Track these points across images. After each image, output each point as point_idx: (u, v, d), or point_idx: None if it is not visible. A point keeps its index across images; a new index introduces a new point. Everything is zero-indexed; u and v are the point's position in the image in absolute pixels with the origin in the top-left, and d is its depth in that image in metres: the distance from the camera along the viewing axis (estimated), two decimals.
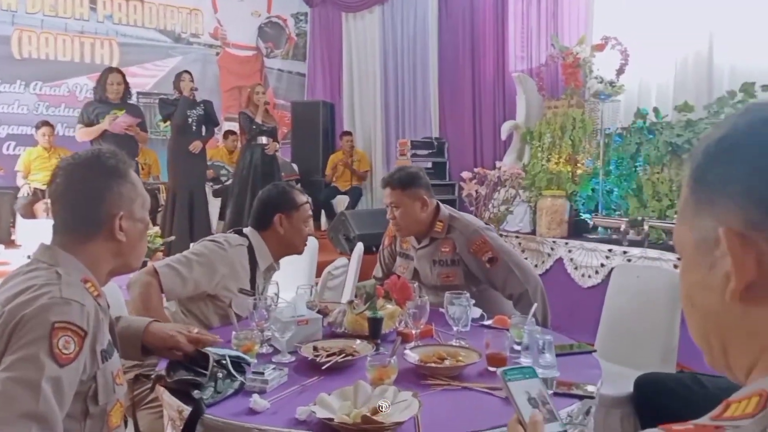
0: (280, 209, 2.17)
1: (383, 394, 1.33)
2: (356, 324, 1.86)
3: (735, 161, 0.51)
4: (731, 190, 0.50)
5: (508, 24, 5.95)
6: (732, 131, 0.52)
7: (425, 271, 2.47)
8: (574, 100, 4.97)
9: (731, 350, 0.53)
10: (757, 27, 4.09)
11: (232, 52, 8.33)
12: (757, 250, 0.48)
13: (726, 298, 0.50)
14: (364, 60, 7.89)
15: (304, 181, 7.77)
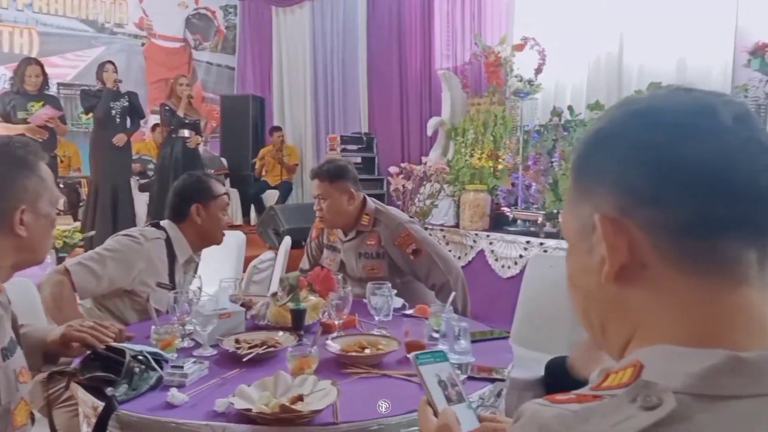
0: (196, 199, 2.11)
1: (303, 383, 1.33)
2: (279, 316, 1.84)
3: (608, 152, 0.53)
4: (605, 179, 0.53)
5: (434, 22, 6.03)
6: (607, 124, 0.55)
7: (351, 264, 2.49)
8: (496, 98, 5.10)
9: (608, 328, 0.56)
10: (663, 28, 4.33)
11: (158, 43, 8.02)
12: (629, 235, 0.51)
13: (602, 280, 0.53)
14: (294, 55, 7.79)
15: (233, 176, 7.62)
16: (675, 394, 0.44)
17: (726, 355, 0.46)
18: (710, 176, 0.48)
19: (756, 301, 0.50)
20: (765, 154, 0.50)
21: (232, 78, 8.48)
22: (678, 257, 0.50)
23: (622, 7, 4.52)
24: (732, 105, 0.51)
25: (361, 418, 1.25)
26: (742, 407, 0.44)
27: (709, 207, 0.48)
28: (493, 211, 5.00)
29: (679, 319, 0.50)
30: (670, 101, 0.53)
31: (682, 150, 0.49)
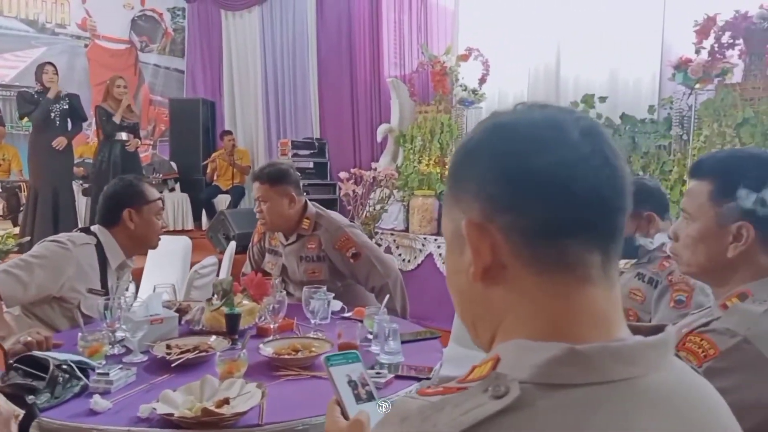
0: (128, 204, 2.06)
1: (230, 387, 1.34)
2: (214, 321, 1.84)
3: (473, 163, 0.57)
4: (471, 187, 0.57)
5: (382, 31, 6.09)
6: (473, 136, 0.59)
7: (293, 267, 2.49)
8: (442, 106, 5.20)
9: (478, 324, 0.60)
10: (596, 42, 4.53)
11: (102, 45, 7.79)
12: (491, 239, 0.55)
13: (469, 280, 0.57)
14: (244, 59, 7.72)
15: (183, 180, 7.48)
16: (521, 384, 0.48)
17: (564, 347, 0.50)
18: (557, 185, 0.52)
19: (600, 298, 0.54)
20: (608, 166, 0.54)
21: (182, 81, 8.33)
22: (530, 259, 0.54)
23: (559, 22, 4.70)
24: (581, 121, 0.55)
25: (287, 419, 1.27)
26: (577, 394, 0.49)
27: (556, 213, 0.53)
28: (440, 216, 5.10)
29: (532, 315, 0.54)
30: (525, 117, 0.57)
31: (533, 161, 0.53)
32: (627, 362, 0.51)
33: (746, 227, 1.03)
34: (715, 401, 0.58)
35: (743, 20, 3.32)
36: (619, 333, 0.55)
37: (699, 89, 3.57)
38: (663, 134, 3.84)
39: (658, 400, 0.51)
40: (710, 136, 3.44)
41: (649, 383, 0.51)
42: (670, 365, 0.55)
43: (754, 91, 3.36)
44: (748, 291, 1.04)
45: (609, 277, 0.55)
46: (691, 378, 0.58)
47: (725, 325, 0.96)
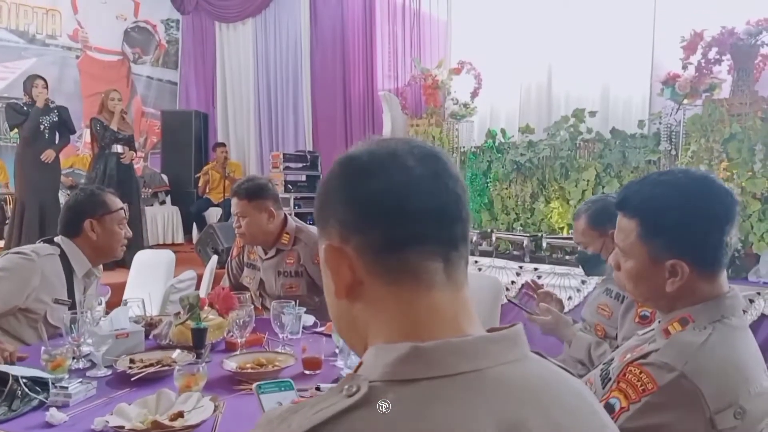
0: (89, 214, 2.09)
1: (187, 400, 1.38)
2: (181, 335, 1.88)
3: (328, 194, 0.67)
4: (329, 216, 0.66)
5: (375, 44, 6.20)
6: (330, 171, 0.68)
7: (270, 282, 2.54)
8: (434, 119, 5.27)
9: (351, 337, 0.68)
10: (588, 59, 4.62)
11: (94, 56, 7.91)
12: (348, 259, 0.63)
13: (337, 299, 0.65)
14: (237, 71, 7.83)
15: (174, 193, 7.56)
16: (371, 383, 0.55)
17: (409, 346, 0.57)
18: (393, 204, 0.61)
19: (445, 301, 0.62)
20: (440, 185, 0.63)
21: (175, 93, 8.43)
22: (380, 272, 0.62)
23: (551, 38, 4.80)
24: (416, 149, 0.65)
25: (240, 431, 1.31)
26: (420, 388, 0.55)
27: (395, 229, 0.61)
28: None
29: (387, 321, 0.62)
30: (366, 149, 0.66)
31: (372, 186, 0.62)
32: (468, 356, 0.58)
33: (679, 264, 1.05)
34: (575, 399, 0.63)
35: (730, 36, 3.38)
36: (467, 330, 0.61)
37: (687, 104, 3.63)
38: (652, 149, 3.89)
39: (498, 390, 0.57)
40: (698, 151, 3.49)
41: (490, 375, 0.57)
42: (522, 359, 0.62)
43: (741, 106, 3.42)
44: (689, 316, 1.06)
45: (454, 281, 0.63)
46: (550, 374, 0.64)
47: (664, 359, 1.00)
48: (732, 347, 1.02)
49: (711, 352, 1.00)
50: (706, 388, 0.96)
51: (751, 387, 0.99)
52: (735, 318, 1.06)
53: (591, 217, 2.00)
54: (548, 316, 2.00)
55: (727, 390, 0.97)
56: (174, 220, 7.30)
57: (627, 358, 1.08)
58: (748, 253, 3.35)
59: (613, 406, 0.99)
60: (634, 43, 4.28)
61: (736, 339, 1.04)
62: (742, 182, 3.31)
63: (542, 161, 4.49)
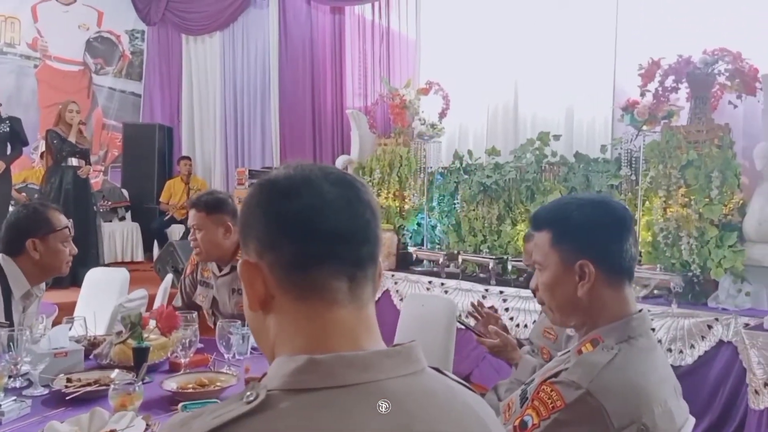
0: (32, 234, 2.09)
1: (120, 419, 1.42)
2: (123, 355, 1.91)
3: (248, 213, 0.74)
4: (248, 234, 0.73)
5: (345, 61, 6.31)
6: (249, 192, 0.76)
7: (224, 300, 2.57)
8: (402, 139, 5.38)
9: (264, 347, 0.75)
10: (553, 83, 4.78)
11: (54, 66, 7.89)
12: (262, 274, 0.70)
13: (251, 311, 0.73)
14: (204, 85, 7.87)
15: (135, 208, 7.51)
16: (270, 391, 0.62)
17: (305, 357, 0.64)
18: (303, 225, 0.69)
19: (347, 318, 0.69)
20: (350, 209, 0.71)
21: (138, 105, 8.42)
22: (289, 288, 0.70)
23: (517, 60, 4.98)
24: (332, 175, 0.73)
25: None
26: (314, 397, 0.62)
27: (303, 248, 0.69)
28: (399, 251, 5.23)
29: (292, 335, 0.70)
30: (284, 173, 0.74)
31: (285, 207, 0.70)
32: (360, 369, 0.65)
33: (586, 264, 1.18)
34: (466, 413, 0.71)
35: (686, 65, 3.56)
36: (365, 346, 0.69)
37: (646, 131, 3.78)
38: (614, 174, 4.04)
39: (389, 402, 0.63)
40: (656, 177, 3.64)
41: (383, 387, 0.64)
42: (418, 374, 0.69)
43: (698, 134, 3.58)
44: (599, 337, 1.17)
45: (357, 299, 0.70)
46: (444, 388, 0.71)
47: (571, 377, 1.09)
48: (636, 367, 1.11)
49: (615, 372, 1.09)
50: (609, 405, 1.04)
51: (654, 406, 1.08)
52: (642, 338, 1.16)
53: None
54: (496, 339, 2.08)
55: (630, 407, 1.06)
56: (134, 236, 7.25)
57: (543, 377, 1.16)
58: (706, 279, 3.48)
59: (526, 423, 1.08)
60: (596, 68, 4.46)
61: (641, 359, 1.13)
62: (699, 208, 3.46)
63: (508, 183, 4.62)
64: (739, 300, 3.29)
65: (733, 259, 3.29)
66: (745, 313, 3.14)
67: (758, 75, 3.35)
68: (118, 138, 8.07)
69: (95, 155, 7.54)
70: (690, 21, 3.86)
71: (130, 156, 7.66)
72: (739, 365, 2.96)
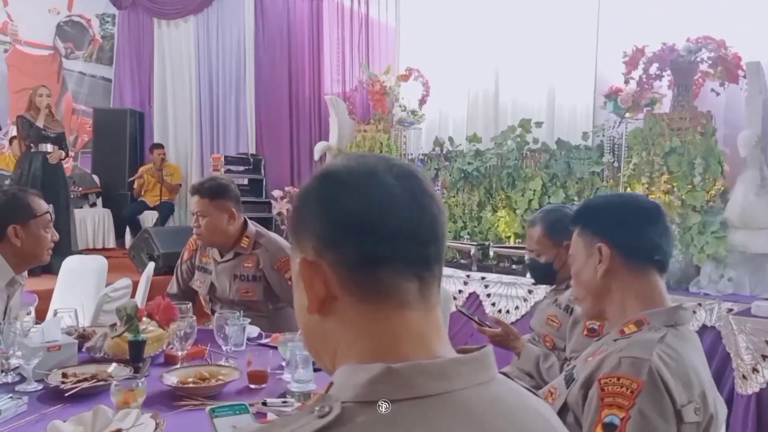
0: (12, 220, 1.99)
1: (125, 418, 1.34)
2: (117, 348, 1.82)
3: (306, 208, 0.67)
4: (306, 229, 0.66)
5: (323, 46, 6.19)
6: (306, 185, 0.69)
7: (223, 285, 2.50)
8: (382, 126, 5.31)
9: (321, 353, 0.68)
10: (533, 70, 4.76)
11: (23, 50, 7.56)
12: (323, 274, 0.63)
13: (308, 313, 0.65)
14: (178, 70, 7.63)
15: (106, 195, 7.30)
16: (344, 403, 0.56)
17: (381, 366, 0.58)
18: (369, 222, 0.62)
19: (417, 321, 0.63)
20: (417, 204, 0.64)
21: (109, 90, 8.14)
22: (353, 288, 0.63)
23: (498, 46, 4.94)
24: (396, 167, 0.66)
25: None
26: (393, 409, 0.56)
27: (370, 246, 0.62)
28: None
29: (358, 340, 0.63)
30: (344, 166, 0.67)
31: (349, 202, 0.63)
32: (438, 378, 0.59)
33: (602, 246, 1.21)
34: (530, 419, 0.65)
35: (670, 52, 3.56)
36: (438, 352, 0.63)
37: (629, 118, 3.79)
38: (596, 161, 4.05)
39: (467, 414, 0.58)
40: (639, 164, 3.65)
41: (461, 398, 0.59)
42: (491, 381, 0.63)
43: (681, 121, 3.60)
44: (644, 318, 1.16)
45: (426, 301, 0.64)
46: (512, 395, 0.65)
47: (631, 354, 1.07)
48: (686, 349, 1.11)
49: (669, 349, 1.08)
50: (670, 381, 1.03)
51: (705, 389, 1.08)
52: (684, 329, 1.14)
53: (547, 227, 2.05)
54: (498, 328, 2.05)
55: (686, 385, 1.05)
56: (105, 223, 7.04)
57: (589, 361, 1.14)
58: (688, 264, 3.52)
59: (613, 424, 1.02)
60: (578, 55, 4.45)
61: (687, 346, 1.12)
62: (682, 195, 3.48)
63: (489, 170, 4.59)
64: (720, 285, 3.33)
65: (716, 245, 3.32)
66: (727, 299, 3.17)
67: (741, 63, 3.37)
68: (88, 123, 7.81)
69: None
70: (673, 8, 3.86)
71: (100, 141, 7.42)
72: (722, 350, 2.98)
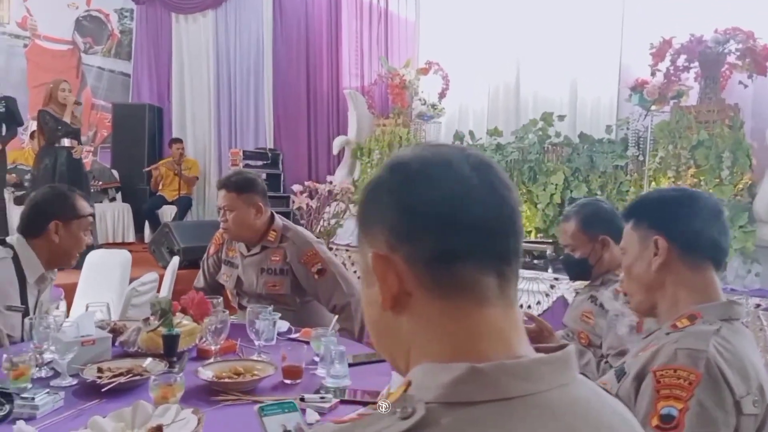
0: (57, 216, 1.98)
1: (165, 413, 1.33)
2: (151, 342, 1.81)
3: (377, 199, 0.64)
4: (377, 222, 0.63)
5: (342, 41, 6.16)
6: (376, 176, 0.66)
7: (250, 280, 2.48)
8: (401, 120, 5.28)
9: (393, 352, 0.65)
10: (556, 62, 4.70)
11: (43, 45, 7.60)
12: (396, 269, 0.60)
13: (381, 310, 0.62)
14: (196, 64, 7.64)
15: (125, 189, 7.33)
16: (427, 404, 0.53)
17: (466, 366, 0.55)
18: (446, 215, 0.59)
19: (498, 318, 0.60)
20: (496, 196, 0.61)
21: (127, 85, 8.17)
22: (430, 284, 0.59)
23: (519, 39, 4.87)
24: (471, 157, 0.62)
25: None
26: (478, 411, 0.53)
27: (448, 240, 0.59)
28: None
29: (436, 338, 0.60)
30: (418, 156, 0.63)
31: (424, 195, 0.60)
32: (523, 379, 0.56)
33: (659, 239, 1.19)
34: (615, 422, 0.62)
35: (698, 44, 3.49)
36: (519, 351, 0.60)
37: (655, 111, 3.73)
38: (620, 154, 3.99)
39: (552, 416, 0.55)
40: (665, 157, 3.59)
41: (546, 400, 0.56)
42: (572, 382, 0.60)
43: (708, 114, 3.53)
44: (698, 313, 1.13)
45: (506, 297, 0.61)
46: (594, 396, 0.62)
47: (686, 346, 1.05)
48: (741, 342, 1.08)
49: (724, 342, 1.05)
50: (728, 372, 1.01)
51: (762, 382, 1.05)
52: (738, 324, 1.11)
53: (582, 221, 2.00)
54: (532, 324, 2.01)
55: (743, 377, 1.02)
56: (125, 217, 7.07)
57: (640, 355, 1.12)
58: None
59: (670, 415, 1.00)
60: (602, 47, 4.38)
61: (743, 339, 1.10)
62: (709, 189, 3.42)
63: (510, 164, 4.54)
64: (747, 280, 3.27)
65: (744, 239, 3.26)
66: (754, 293, 3.11)
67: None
68: (107, 118, 7.84)
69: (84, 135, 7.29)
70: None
71: (119, 136, 7.45)
72: None
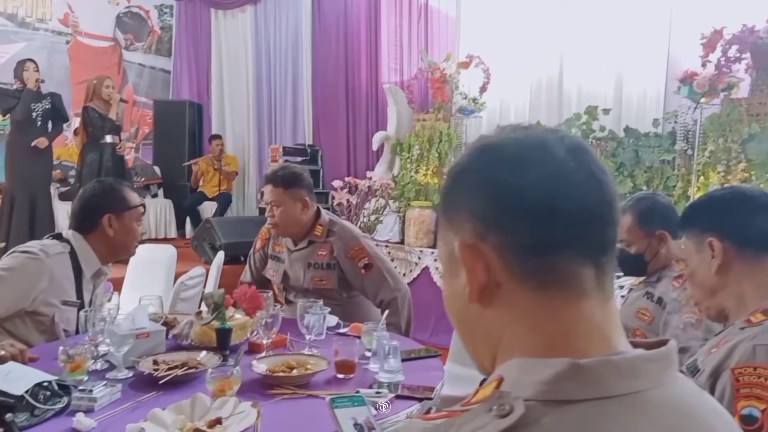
0: (108, 209, 2.00)
1: (223, 406, 1.33)
2: (204, 335, 1.81)
3: (464, 185, 0.60)
4: (463, 209, 0.59)
5: (380, 35, 6.12)
6: (463, 160, 0.62)
7: (297, 274, 2.48)
8: (441, 114, 5.21)
9: (478, 346, 0.62)
10: (601, 55, 4.58)
11: (84, 42, 7.74)
12: (485, 258, 0.56)
13: (466, 302, 0.58)
14: (235, 61, 7.70)
15: (167, 186, 7.44)
16: (525, 401, 0.49)
17: (567, 362, 0.51)
18: (543, 202, 0.55)
19: (595, 311, 0.56)
20: (594, 181, 0.56)
21: (167, 81, 8.29)
22: (524, 275, 0.56)
23: (563, 32, 4.76)
24: (566, 139, 0.58)
25: None
26: (581, 410, 0.50)
27: (543, 228, 0.55)
28: (437, 228, 5.09)
29: (529, 331, 0.56)
30: (509, 138, 0.59)
31: (519, 180, 0.56)
32: (628, 376, 0.52)
33: (712, 241, 1.19)
34: (716, 421, 0.58)
35: (750, 34, 3.36)
36: (618, 346, 0.56)
37: (704, 103, 3.60)
38: (667, 149, 3.87)
39: (660, 416, 0.52)
40: (715, 151, 3.47)
41: (651, 398, 0.52)
42: (673, 380, 0.56)
43: (760, 106, 3.40)
44: None
45: (604, 290, 0.57)
46: (695, 394, 0.58)
47: (766, 342, 1.02)
48: None
49: None
50: None
51: None
52: None
53: (638, 215, 1.94)
54: None
55: None
56: (167, 213, 7.19)
57: (714, 352, 1.08)
58: None
59: (752, 415, 0.97)
60: (649, 39, 4.25)
61: None
62: (760, 183, 3.29)
63: None
64: None
65: None
66: None
67: None
68: (148, 115, 7.97)
69: (126, 132, 7.44)
70: None
71: (160, 133, 7.56)
72: None
